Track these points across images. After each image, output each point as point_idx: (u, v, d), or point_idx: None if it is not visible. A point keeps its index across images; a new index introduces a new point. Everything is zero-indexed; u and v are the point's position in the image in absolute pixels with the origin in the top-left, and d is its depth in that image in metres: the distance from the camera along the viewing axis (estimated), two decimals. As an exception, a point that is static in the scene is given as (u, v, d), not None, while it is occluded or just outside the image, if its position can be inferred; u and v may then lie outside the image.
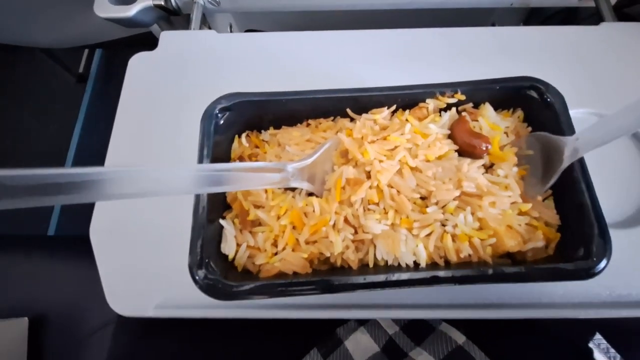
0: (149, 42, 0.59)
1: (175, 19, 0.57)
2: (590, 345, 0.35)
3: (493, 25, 0.75)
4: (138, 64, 0.43)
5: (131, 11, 0.47)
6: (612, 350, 0.35)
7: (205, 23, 0.67)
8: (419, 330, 0.38)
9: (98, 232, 0.36)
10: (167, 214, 0.35)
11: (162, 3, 0.48)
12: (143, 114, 0.40)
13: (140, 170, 0.22)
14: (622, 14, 0.51)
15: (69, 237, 0.84)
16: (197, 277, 0.26)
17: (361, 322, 0.38)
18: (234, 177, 0.26)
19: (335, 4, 0.50)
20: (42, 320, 0.61)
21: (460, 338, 0.36)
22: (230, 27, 0.77)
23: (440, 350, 0.36)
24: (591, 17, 0.57)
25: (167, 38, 0.45)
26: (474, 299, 0.33)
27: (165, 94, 0.41)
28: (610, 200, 0.36)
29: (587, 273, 0.26)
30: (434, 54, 0.42)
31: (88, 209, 0.38)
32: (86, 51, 1.45)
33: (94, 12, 0.48)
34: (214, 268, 0.27)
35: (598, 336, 0.36)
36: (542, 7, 0.57)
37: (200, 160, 0.29)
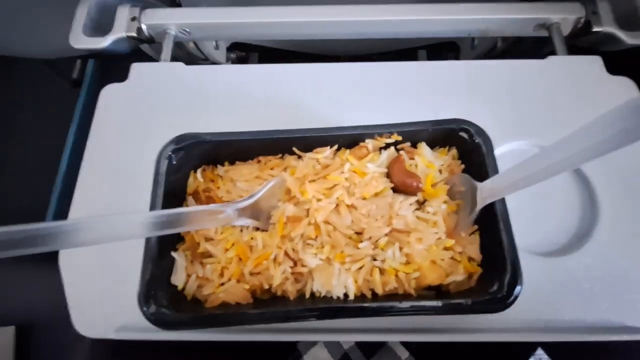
0: (140, 52, 0.61)
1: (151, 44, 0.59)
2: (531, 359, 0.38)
3: (473, 41, 0.77)
4: (109, 95, 0.46)
5: (105, 43, 0.50)
6: None
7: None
8: (370, 346, 0.41)
9: (67, 255, 0.39)
10: (131, 242, 0.38)
11: (135, 34, 0.50)
12: (111, 147, 0.43)
13: (96, 221, 0.26)
14: (574, 46, 0.53)
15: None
16: (143, 309, 0.29)
17: None
18: (180, 220, 0.29)
19: (300, 33, 0.53)
20: (28, 328, 0.63)
21: (403, 354, 0.39)
22: (216, 41, 0.79)
23: None
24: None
25: (137, 69, 0.47)
26: (413, 324, 0.35)
27: (133, 127, 0.43)
28: (547, 229, 0.39)
29: (494, 307, 0.29)
30: (381, 90, 0.45)
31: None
32: (79, 61, 1.47)
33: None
34: (161, 299, 0.30)
35: (540, 351, 0.39)
36: (499, 36, 0.60)
37: (153, 202, 0.32)
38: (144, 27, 0.51)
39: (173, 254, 0.33)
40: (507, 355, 0.40)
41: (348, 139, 0.35)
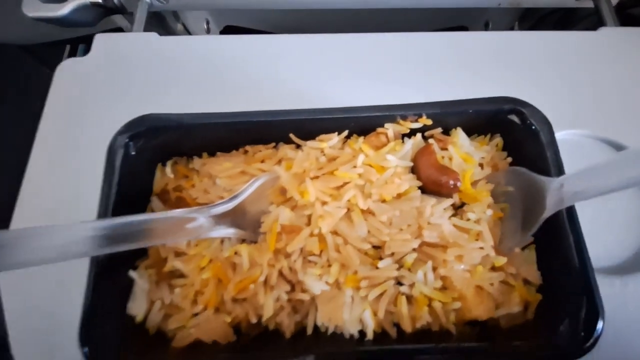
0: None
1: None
2: None
3: (487, 24, 0.69)
4: (66, 72, 0.37)
5: (63, 10, 0.41)
6: None
7: (178, 20, 0.61)
8: None
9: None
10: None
11: (100, 1, 0.42)
12: (65, 135, 0.34)
13: (22, 234, 0.18)
14: (626, 16, 0.45)
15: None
16: (84, 349, 0.21)
17: None
18: (134, 233, 0.21)
19: (291, 2, 0.44)
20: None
21: None
22: (207, 23, 0.71)
23: None
24: (590, 16, 0.52)
25: (102, 42, 0.39)
26: None
27: (92, 110, 0.35)
28: (606, 238, 0.31)
29: (573, 352, 0.21)
30: (405, 63, 0.36)
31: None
32: (68, 46, 1.38)
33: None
34: (111, 337, 0.22)
35: None
36: (536, 7, 0.51)
37: (103, 207, 0.24)
38: (112, -9, 0.43)
39: (131, 273, 0.25)
40: None
41: (361, 123, 0.27)
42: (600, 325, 0.21)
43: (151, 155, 0.27)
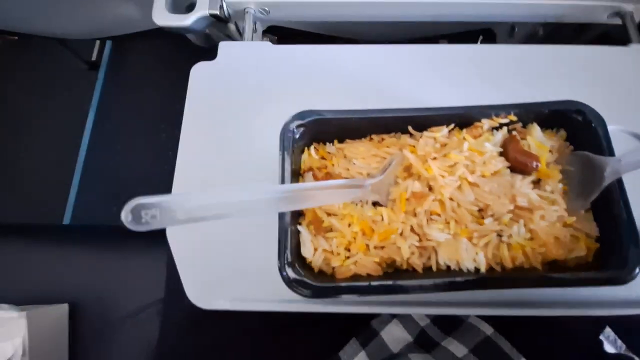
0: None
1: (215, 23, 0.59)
2: (601, 337, 0.40)
3: (513, 28, 0.77)
4: (200, 74, 0.46)
5: (188, 20, 0.49)
6: (619, 341, 0.40)
7: (231, 20, 0.68)
8: (448, 322, 0.42)
9: (174, 229, 0.39)
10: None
11: (217, 12, 0.50)
12: (209, 127, 0.43)
13: (225, 192, 0.27)
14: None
15: (102, 227, 0.88)
16: (288, 277, 0.30)
17: (394, 314, 0.42)
18: (316, 195, 0.30)
19: (381, 15, 0.53)
20: (77, 306, 0.65)
21: (488, 329, 0.40)
22: (255, 24, 0.79)
23: (470, 340, 0.40)
24: (606, 32, 0.60)
25: (225, 49, 0.47)
26: (504, 297, 0.37)
27: (230, 107, 0.44)
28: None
29: (623, 279, 0.30)
30: (464, 72, 0.46)
31: (104, 198, 0.39)
32: (98, 41, 1.44)
33: (105, 4, 0.50)
34: (299, 269, 0.31)
35: (607, 329, 0.41)
36: (577, 22, 0.60)
37: (282, 176, 0.33)
38: (224, 5, 0.51)
39: (299, 227, 0.34)
40: (579, 333, 0.42)
41: (464, 119, 0.36)
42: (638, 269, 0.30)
43: (302, 140, 0.36)
